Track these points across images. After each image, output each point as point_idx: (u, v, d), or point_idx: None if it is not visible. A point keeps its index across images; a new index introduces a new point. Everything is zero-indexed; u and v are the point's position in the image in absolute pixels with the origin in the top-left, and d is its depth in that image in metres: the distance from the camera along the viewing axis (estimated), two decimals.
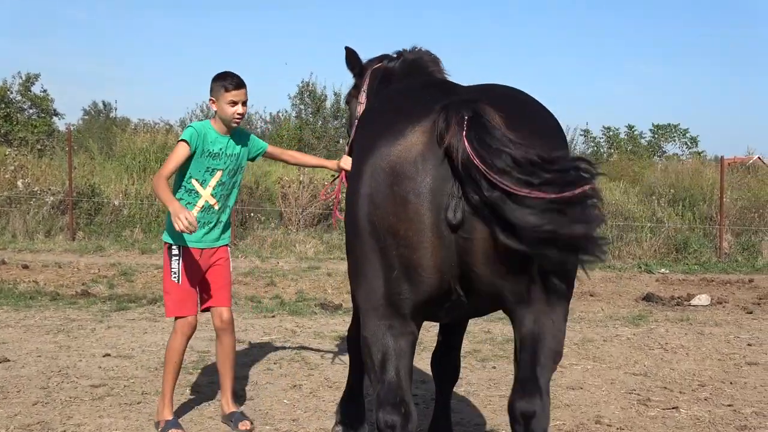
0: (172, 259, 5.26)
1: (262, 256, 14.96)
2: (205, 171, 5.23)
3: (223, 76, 5.27)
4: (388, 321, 3.19)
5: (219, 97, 5.22)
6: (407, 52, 5.17)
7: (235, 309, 10.37)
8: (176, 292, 5.26)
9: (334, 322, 9.68)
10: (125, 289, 11.64)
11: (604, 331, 9.35)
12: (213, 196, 5.29)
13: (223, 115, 5.24)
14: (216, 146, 5.25)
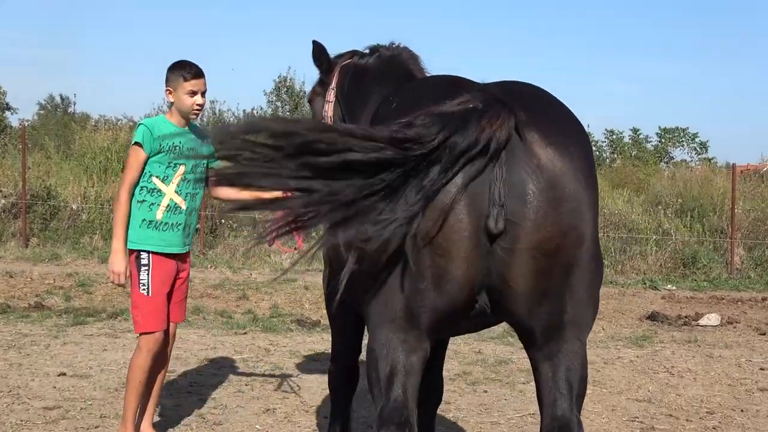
0: (140, 270, 5.26)
1: (234, 267, 14.94)
2: (166, 166, 5.27)
3: (180, 64, 5.35)
4: (403, 334, 3.22)
5: (177, 87, 5.30)
6: (384, 48, 5.21)
7: (204, 325, 10.37)
8: (146, 306, 5.25)
9: (311, 340, 9.68)
10: (83, 302, 11.59)
11: (605, 353, 9.39)
12: (178, 193, 5.31)
13: (182, 107, 5.32)
14: (176, 138, 5.30)
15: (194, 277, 13.11)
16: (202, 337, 9.59)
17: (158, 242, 5.25)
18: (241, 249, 16.47)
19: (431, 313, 3.17)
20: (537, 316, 3.16)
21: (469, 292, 3.15)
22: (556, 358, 3.26)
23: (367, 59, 5.22)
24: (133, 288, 5.30)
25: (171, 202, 5.29)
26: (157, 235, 5.26)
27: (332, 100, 5.30)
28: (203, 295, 12.29)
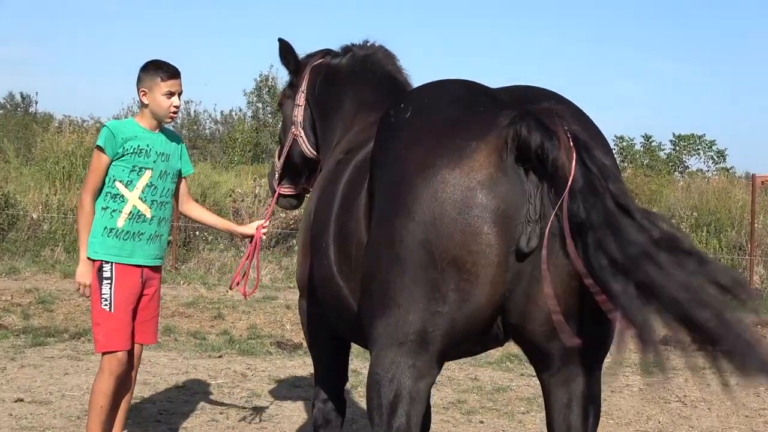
0: (102, 283, 5.26)
1: (209, 284, 14.92)
2: (130, 171, 5.31)
3: (156, 64, 5.42)
4: (412, 359, 3.25)
5: (152, 87, 5.36)
6: (357, 48, 5.25)
7: (175, 346, 10.35)
8: (108, 323, 5.25)
9: (292, 365, 9.67)
10: (43, 321, 11.56)
11: (611, 380, 9.40)
12: (142, 200, 5.34)
13: (158, 109, 5.39)
14: (142, 141, 5.34)
15: (165, 294, 13.09)
16: (172, 360, 9.58)
17: (119, 252, 5.27)
18: (217, 264, 16.45)
19: (445, 337, 3.22)
20: (559, 338, 3.19)
21: (491, 316, 3.22)
22: (574, 383, 3.34)
23: (340, 59, 5.26)
24: (93, 303, 5.30)
25: (134, 209, 5.32)
26: (119, 245, 5.28)
27: (302, 104, 5.34)
28: (175, 314, 12.27)
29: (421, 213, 3.16)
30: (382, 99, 5.00)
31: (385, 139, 3.53)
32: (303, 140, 5.39)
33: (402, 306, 3.21)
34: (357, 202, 3.81)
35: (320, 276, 4.19)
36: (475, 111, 3.30)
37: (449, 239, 3.11)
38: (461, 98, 3.45)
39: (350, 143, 4.70)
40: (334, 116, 5.17)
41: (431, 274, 3.14)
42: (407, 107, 3.53)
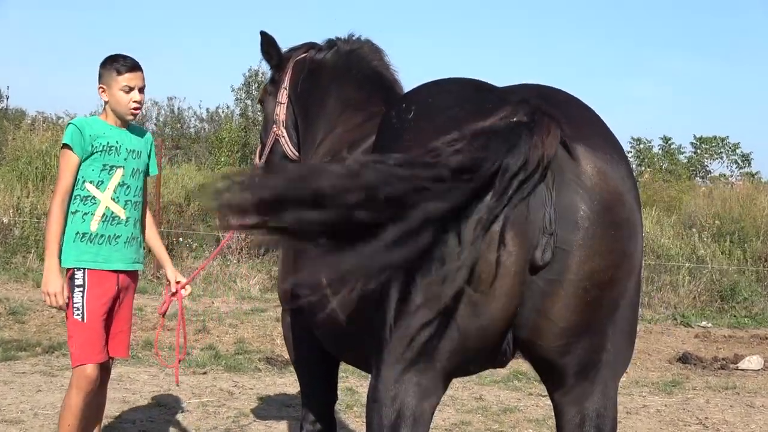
0: (74, 292, 5.26)
1: (193, 294, 14.86)
2: (101, 170, 5.33)
3: (113, 58, 5.45)
4: (417, 376, 3.25)
5: (110, 83, 5.39)
6: (342, 42, 5.26)
7: (156, 362, 10.33)
8: (81, 334, 5.24)
9: (282, 382, 9.67)
10: (14, 333, 11.55)
11: (628, 401, 9.41)
12: (115, 201, 5.35)
13: (117, 106, 5.42)
14: (111, 138, 5.37)
15: (145, 305, 13.09)
16: (153, 377, 9.58)
17: (94, 258, 5.28)
18: (202, 273, 16.45)
19: (454, 353, 3.21)
20: (573, 353, 3.23)
21: (503, 331, 3.21)
22: (587, 402, 3.34)
23: (324, 54, 5.26)
24: (68, 315, 5.30)
25: (107, 210, 5.33)
26: (93, 250, 5.29)
27: (284, 102, 5.34)
28: (156, 326, 12.25)
29: None
30: (368, 98, 5.01)
31: (388, 141, 3.51)
32: (285, 140, 5.41)
33: (405, 318, 3.21)
34: None
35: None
36: (483, 110, 3.28)
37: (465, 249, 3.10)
38: (468, 98, 3.44)
39: (336, 144, 4.73)
40: (317, 115, 5.18)
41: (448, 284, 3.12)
42: (410, 107, 3.52)
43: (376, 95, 5.00)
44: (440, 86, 3.65)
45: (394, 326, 3.24)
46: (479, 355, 3.32)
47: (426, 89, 3.70)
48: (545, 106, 3.19)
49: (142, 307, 12.97)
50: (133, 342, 10.98)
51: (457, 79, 3.68)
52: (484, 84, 3.58)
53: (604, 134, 3.35)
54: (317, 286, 3.22)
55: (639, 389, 10.13)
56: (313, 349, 4.71)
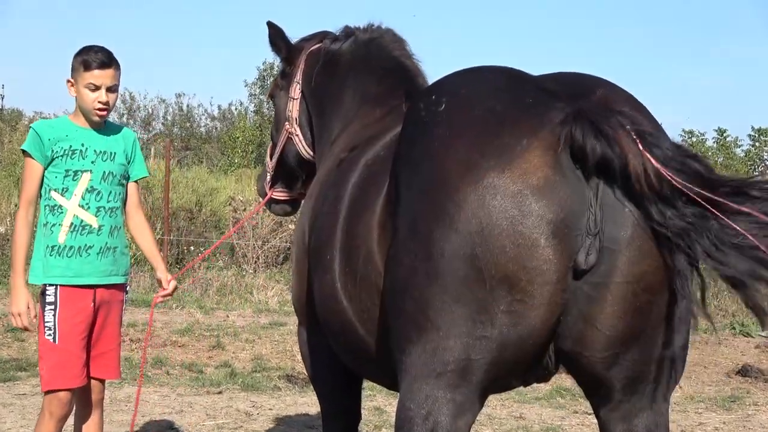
0: (45, 310, 5.22)
1: (206, 307, 14.97)
2: (64, 176, 5.27)
3: (86, 49, 5.34)
4: (452, 393, 3.26)
5: (77, 77, 5.30)
6: (360, 31, 5.24)
7: (167, 381, 10.39)
8: (51, 356, 5.20)
9: (304, 402, 9.69)
10: (13, 352, 11.62)
11: (682, 418, 9.38)
12: (84, 208, 5.27)
13: (81, 103, 5.33)
14: (74, 141, 5.29)
15: (156, 320, 13.15)
16: (164, 398, 9.62)
17: (63, 272, 5.23)
18: (216, 284, 16.50)
19: (491, 367, 3.23)
20: (620, 365, 3.24)
21: (544, 342, 3.24)
22: (637, 419, 3.36)
23: (340, 44, 5.24)
24: (39, 334, 5.28)
25: (75, 219, 5.26)
26: (62, 264, 5.24)
27: (297, 97, 5.35)
28: (167, 343, 12.32)
29: (465, 222, 3.16)
30: (388, 90, 4.99)
31: (415, 135, 3.51)
32: (299, 139, 5.43)
33: (441, 329, 3.22)
34: (370, 208, 3.82)
35: (322, 295, 4.20)
36: (522, 103, 3.30)
37: (501, 253, 3.11)
38: (504, 88, 3.44)
39: (353, 140, 4.71)
40: (332, 111, 5.17)
41: (478, 293, 3.15)
42: (440, 98, 3.50)
43: (397, 87, 4.99)
44: (473, 75, 3.65)
45: (426, 337, 3.25)
46: (518, 369, 3.34)
47: (457, 78, 3.69)
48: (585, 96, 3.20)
49: (153, 322, 13.01)
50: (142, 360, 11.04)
51: (490, 67, 3.67)
52: (519, 72, 3.58)
53: (652, 123, 3.36)
54: None
55: (694, 405, 10.09)
56: (332, 365, 4.70)
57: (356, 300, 3.89)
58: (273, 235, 18.08)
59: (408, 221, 3.37)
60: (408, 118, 3.66)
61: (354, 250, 3.86)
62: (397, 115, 4.62)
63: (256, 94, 35.64)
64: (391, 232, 3.50)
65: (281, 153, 5.52)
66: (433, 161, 3.33)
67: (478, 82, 3.57)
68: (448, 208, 3.19)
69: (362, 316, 3.88)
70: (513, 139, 3.17)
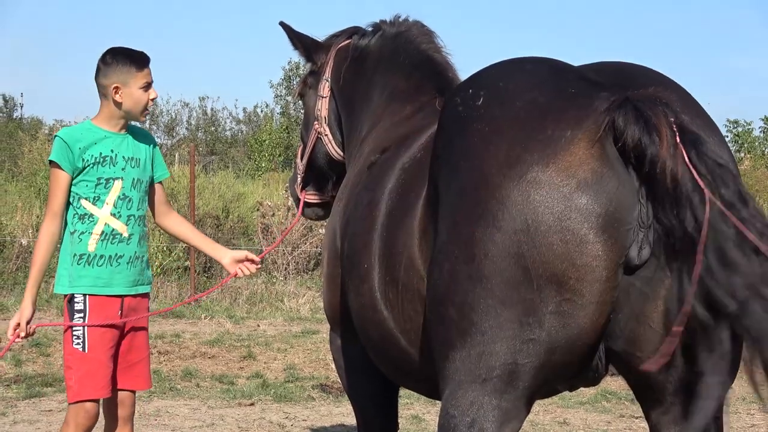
0: (74, 317, 5.23)
1: (236, 317, 15.01)
2: (96, 185, 5.27)
3: (125, 52, 5.38)
4: (497, 398, 3.24)
5: (128, 80, 5.29)
6: (387, 25, 5.23)
7: (197, 393, 10.41)
8: (81, 366, 5.20)
9: (339, 412, 9.69)
10: (38, 367, 11.68)
11: (734, 420, 9.31)
12: (116, 216, 5.28)
13: (134, 105, 5.33)
14: (104, 147, 5.30)
15: (185, 331, 13.20)
16: (194, 411, 9.64)
17: (94, 282, 5.24)
18: (245, 293, 16.53)
19: (539, 371, 3.21)
20: (674, 365, 3.19)
21: (594, 343, 3.22)
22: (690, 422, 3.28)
23: (368, 39, 5.23)
24: (65, 343, 5.29)
25: (107, 227, 5.26)
26: (93, 273, 5.24)
27: (326, 95, 5.34)
28: (196, 354, 12.35)
29: (510, 220, 3.13)
30: (417, 86, 4.97)
31: (453, 133, 3.48)
32: (328, 139, 5.43)
33: (487, 333, 3.19)
34: (410, 213, 3.80)
35: (360, 305, 4.19)
36: (565, 93, 3.28)
37: (548, 251, 3.09)
38: (545, 79, 3.41)
39: (383, 141, 4.69)
40: (361, 109, 5.17)
41: (525, 294, 3.13)
42: (478, 93, 3.47)
43: (427, 83, 4.98)
44: (511, 66, 3.62)
45: (470, 341, 3.23)
46: (567, 372, 3.32)
47: (495, 70, 3.65)
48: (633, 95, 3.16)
49: (179, 334, 13.10)
50: (171, 372, 11.09)
51: (529, 58, 3.65)
52: (560, 62, 3.56)
53: (702, 115, 3.35)
54: None
55: (747, 406, 10.01)
56: (368, 373, 4.69)
57: (398, 309, 3.87)
58: (303, 240, 18.10)
59: (449, 223, 3.34)
60: (444, 114, 3.62)
61: (394, 258, 3.84)
62: (427, 112, 4.60)
63: (282, 95, 35.81)
64: (432, 237, 3.48)
65: (311, 154, 5.51)
66: (472, 159, 3.30)
67: (518, 74, 3.54)
68: (490, 206, 3.17)
69: (404, 325, 3.86)
70: (557, 131, 3.14)
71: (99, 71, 5.35)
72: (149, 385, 5.67)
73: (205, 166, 30.16)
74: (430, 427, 8.66)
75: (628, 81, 3.31)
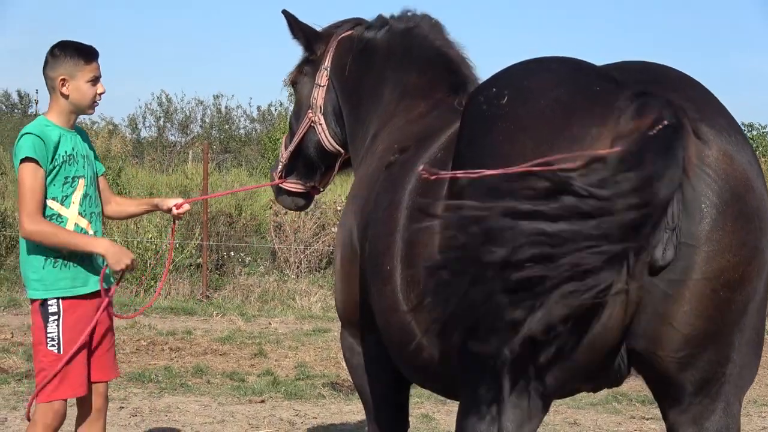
0: (48, 321, 5.22)
1: (247, 315, 15.01)
2: (63, 183, 5.27)
3: (72, 45, 5.38)
4: (516, 398, 3.24)
5: (75, 73, 5.28)
6: (394, 20, 5.20)
7: (208, 390, 10.43)
8: (56, 367, 5.17)
9: (349, 410, 9.69)
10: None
11: (745, 422, 9.25)
12: (82, 215, 5.32)
13: (81, 99, 5.33)
14: (67, 145, 5.31)
15: (195, 328, 13.23)
16: (205, 407, 9.65)
17: (72, 283, 5.26)
18: (257, 290, 16.54)
19: (560, 370, 3.22)
20: (695, 366, 3.22)
21: (617, 342, 3.22)
22: (708, 422, 3.34)
23: (375, 32, 5.20)
24: (37, 346, 5.29)
25: (76, 227, 5.29)
26: (69, 275, 5.26)
27: (324, 84, 5.31)
28: (207, 351, 12.37)
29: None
30: (431, 83, 4.96)
31: (477, 132, 3.47)
32: (322, 128, 5.40)
33: None
34: (432, 215, 3.77)
35: (383, 307, 4.17)
36: (589, 92, 3.28)
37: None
38: (569, 78, 3.41)
39: (400, 140, 4.66)
40: (370, 104, 5.14)
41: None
42: (501, 92, 3.45)
43: (441, 79, 4.98)
44: (535, 65, 3.61)
45: (487, 339, 3.21)
46: (589, 372, 3.32)
47: (518, 69, 3.64)
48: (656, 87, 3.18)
49: (191, 330, 13.12)
50: (182, 369, 11.11)
51: (552, 57, 3.64)
52: (583, 62, 3.55)
53: (725, 114, 3.35)
54: None
55: (758, 409, 10.00)
56: (379, 370, 4.70)
57: (420, 310, 3.86)
58: (315, 238, 18.10)
59: None
60: (467, 113, 3.61)
61: (417, 260, 3.83)
62: (442, 110, 4.59)
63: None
64: None
65: (300, 142, 5.49)
66: (498, 158, 3.26)
67: (542, 73, 3.53)
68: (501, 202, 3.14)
69: (426, 326, 3.85)
70: (582, 129, 3.13)
71: (47, 63, 5.35)
72: (117, 374, 5.67)
73: (218, 164, 30.23)
74: (441, 427, 8.67)
75: (652, 80, 3.32)
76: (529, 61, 3.65)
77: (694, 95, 3.31)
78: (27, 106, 44.28)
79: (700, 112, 3.16)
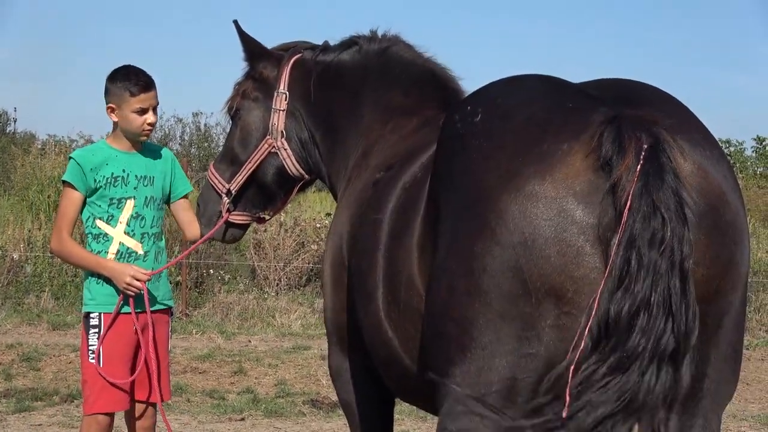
0: (89, 333, 5.34)
1: (227, 332, 14.98)
2: (108, 205, 5.37)
3: (124, 74, 5.41)
4: (497, 415, 3.21)
5: (121, 103, 5.35)
6: (364, 41, 5.14)
7: (188, 408, 10.40)
8: (97, 379, 5.29)
9: (330, 427, 9.68)
10: (28, 382, 11.65)
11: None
12: (130, 235, 5.38)
13: (128, 127, 5.39)
14: (116, 167, 5.38)
15: (175, 346, 13.16)
16: (185, 426, 9.63)
17: (109, 300, 5.34)
18: (237, 308, 16.50)
19: (539, 385, 3.18)
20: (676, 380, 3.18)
21: None
22: None
23: (337, 55, 5.14)
24: (81, 357, 5.41)
25: (122, 247, 5.37)
26: (108, 292, 5.34)
27: (284, 109, 5.16)
28: (187, 369, 12.33)
29: (508, 234, 3.12)
30: (419, 101, 4.95)
31: (452, 150, 3.48)
32: (287, 153, 5.22)
33: (486, 348, 3.18)
34: (409, 231, 3.80)
35: (367, 325, 4.18)
36: (563, 108, 3.29)
37: (546, 264, 3.08)
38: (544, 95, 3.43)
39: (390, 156, 4.66)
40: (349, 126, 5.10)
41: (524, 308, 3.12)
42: (476, 110, 3.48)
43: (428, 97, 4.98)
44: (510, 83, 3.63)
45: (469, 356, 3.22)
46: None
47: (493, 88, 3.66)
48: (633, 128, 3.13)
49: (171, 348, 13.01)
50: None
51: (528, 75, 3.66)
52: (559, 79, 3.57)
53: (701, 129, 3.35)
54: None
55: (737, 423, 10.03)
56: (365, 388, 4.69)
57: (401, 329, 3.88)
58: (295, 256, 18.08)
59: (448, 239, 3.34)
60: (443, 132, 3.63)
61: (395, 277, 3.85)
62: (433, 127, 4.59)
63: None
64: (431, 255, 3.48)
65: (255, 169, 5.27)
66: (471, 174, 3.31)
67: (516, 90, 3.56)
68: (489, 220, 3.16)
69: (407, 345, 3.86)
70: (554, 144, 3.14)
71: (105, 88, 5.45)
72: (168, 397, 5.73)
73: (198, 182, 30.12)
74: None
75: (629, 97, 3.33)
76: (504, 79, 3.67)
77: (669, 109, 3.32)
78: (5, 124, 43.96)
79: (673, 126, 3.16)
